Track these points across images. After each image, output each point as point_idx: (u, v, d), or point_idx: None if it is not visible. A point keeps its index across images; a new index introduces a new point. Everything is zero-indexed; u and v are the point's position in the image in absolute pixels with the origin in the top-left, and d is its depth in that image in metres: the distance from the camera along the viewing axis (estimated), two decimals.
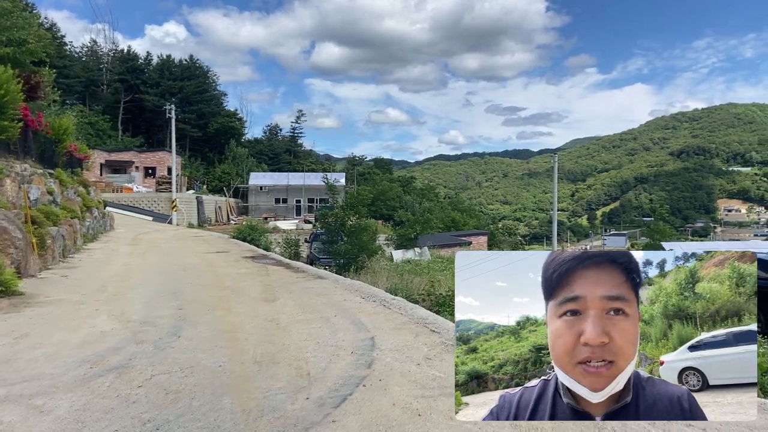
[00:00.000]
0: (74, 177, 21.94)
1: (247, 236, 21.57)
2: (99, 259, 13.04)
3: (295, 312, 6.67)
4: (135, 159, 52.57)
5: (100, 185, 43.21)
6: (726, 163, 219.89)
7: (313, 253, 26.64)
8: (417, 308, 6.83)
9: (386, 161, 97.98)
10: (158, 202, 41.48)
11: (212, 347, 5.00)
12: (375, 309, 6.87)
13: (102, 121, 60.97)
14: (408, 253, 30.23)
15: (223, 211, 52.83)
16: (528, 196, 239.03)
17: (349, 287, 8.54)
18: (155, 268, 11.40)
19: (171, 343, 5.14)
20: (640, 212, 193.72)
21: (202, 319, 6.18)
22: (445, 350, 5.04)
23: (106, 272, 10.38)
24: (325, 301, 7.41)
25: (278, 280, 9.62)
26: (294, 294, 7.99)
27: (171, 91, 66.93)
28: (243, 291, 8.22)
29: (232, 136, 72.25)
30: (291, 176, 63.03)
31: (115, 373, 4.24)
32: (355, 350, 4.98)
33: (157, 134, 68.69)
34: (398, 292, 13.10)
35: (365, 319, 6.25)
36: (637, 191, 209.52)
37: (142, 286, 8.60)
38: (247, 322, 6.06)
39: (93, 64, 69.26)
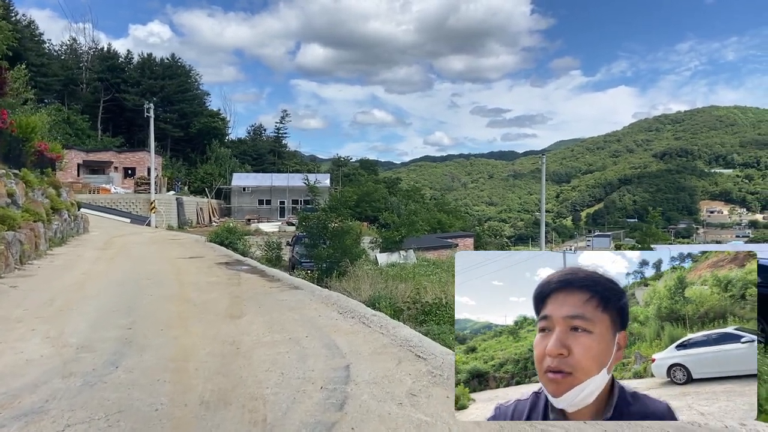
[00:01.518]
0: (44, 178, 20.90)
1: (225, 239, 20.60)
2: (60, 265, 12.09)
3: (262, 331, 5.84)
4: (114, 159, 51.21)
5: (76, 186, 41.92)
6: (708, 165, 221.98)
7: (294, 257, 25.72)
8: (400, 327, 6.03)
9: (372, 162, 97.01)
10: (136, 203, 40.28)
11: (153, 382, 4.16)
12: (353, 327, 6.06)
13: (81, 120, 59.43)
14: (393, 256, 29.41)
15: (205, 213, 51.66)
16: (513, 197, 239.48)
17: (325, 300, 7.72)
18: (117, 276, 10.49)
19: (105, 376, 4.30)
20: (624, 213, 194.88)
21: (151, 343, 5.33)
22: (433, 382, 4.26)
23: (62, 282, 9.46)
24: (297, 317, 6.59)
25: (249, 290, 8.78)
26: (264, 308, 7.15)
27: (152, 90, 65.51)
28: (207, 305, 7.37)
29: (214, 136, 70.91)
30: (275, 177, 61.92)
31: (22, 423, 3.39)
32: (326, 384, 4.17)
33: (137, 134, 67.15)
34: (381, 300, 12.32)
35: (341, 341, 5.44)
36: (621, 193, 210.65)
37: (95, 299, 7.71)
38: (204, 346, 5.23)
39: (72, 63, 67.61)
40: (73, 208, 23.22)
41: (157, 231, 32.39)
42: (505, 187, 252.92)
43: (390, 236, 28.82)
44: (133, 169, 51.75)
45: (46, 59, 61.42)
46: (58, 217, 19.17)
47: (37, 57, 58.53)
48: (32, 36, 60.47)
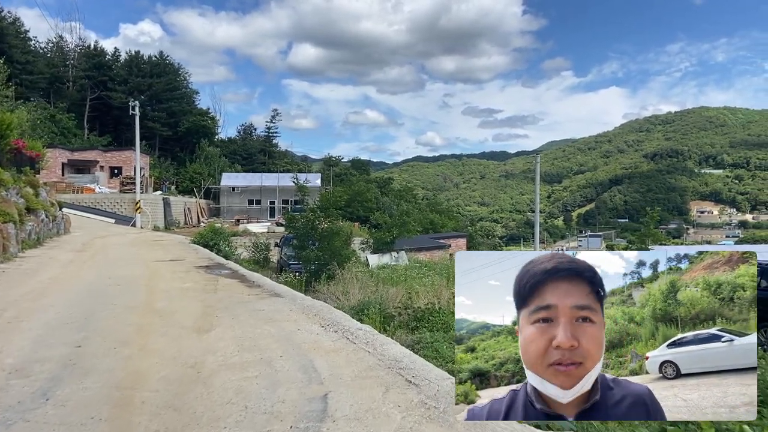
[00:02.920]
0: (21, 176, 20.03)
1: (210, 241, 19.79)
2: (26, 270, 11.27)
3: (231, 350, 5.09)
4: (100, 158, 50.11)
5: (60, 186, 40.85)
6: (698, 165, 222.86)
7: (282, 258, 24.94)
8: (388, 344, 5.29)
9: (364, 162, 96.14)
10: (121, 203, 39.28)
11: (85, 421, 3.40)
12: (335, 344, 5.32)
13: (66, 118, 58.24)
14: (384, 258, 28.71)
15: (193, 213, 50.69)
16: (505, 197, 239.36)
17: (307, 310, 6.96)
18: (85, 282, 9.70)
19: (29, 411, 3.54)
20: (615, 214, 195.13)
21: (97, 365, 4.57)
22: (427, 417, 3.53)
23: (22, 288, 8.67)
24: (273, 331, 5.84)
25: (225, 298, 8.02)
26: (237, 320, 6.40)
27: (140, 88, 64.44)
28: (174, 316, 6.61)
29: (203, 135, 69.87)
30: (265, 177, 60.95)
31: None
32: (297, 422, 3.43)
33: (125, 133, 65.90)
34: (371, 306, 11.60)
35: (320, 362, 4.70)
36: (612, 193, 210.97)
37: (51, 309, 6.93)
38: (159, 369, 4.48)
39: (58, 60, 66.36)
40: (52, 208, 22.32)
41: (141, 232, 31.48)
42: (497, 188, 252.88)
43: (381, 237, 28.14)
44: (119, 168, 50.69)
45: (32, 57, 60.22)
46: (34, 218, 18.31)
47: (22, 54, 57.33)
48: (17, 33, 59.24)
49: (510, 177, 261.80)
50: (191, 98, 74.80)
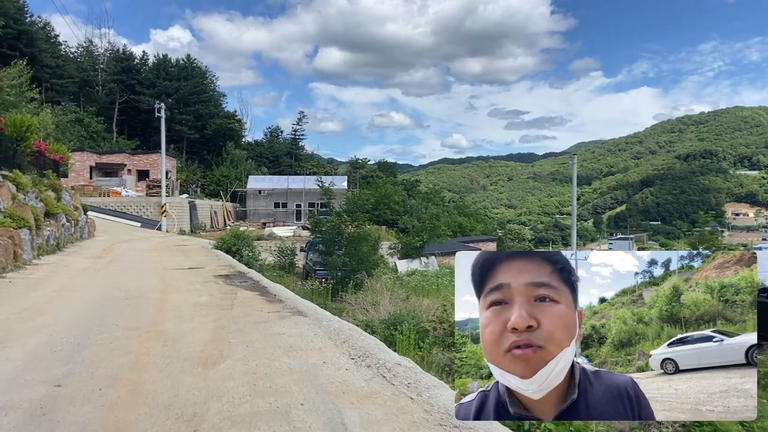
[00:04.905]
0: (42, 180, 19.57)
1: (232, 246, 18.98)
2: (35, 279, 10.52)
3: (241, 393, 4.10)
4: (127, 161, 50.13)
5: (87, 189, 40.81)
6: (733, 166, 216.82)
7: (308, 264, 24.06)
8: (436, 387, 4.21)
9: (390, 164, 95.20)
10: (147, 206, 38.97)
11: None
12: (369, 385, 4.29)
13: (96, 122, 58.65)
14: (413, 263, 27.64)
15: (219, 216, 50.30)
16: (533, 199, 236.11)
17: (334, 335, 5.94)
18: (92, 294, 8.87)
19: None
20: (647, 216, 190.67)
21: (73, 415, 3.62)
22: None
23: (20, 303, 7.85)
24: (294, 365, 4.83)
25: (241, 317, 7.06)
26: (252, 348, 5.42)
27: (167, 91, 64.63)
28: (180, 341, 5.66)
29: (230, 137, 69.83)
30: (291, 179, 60.42)
31: None
32: None
33: (153, 136, 66.24)
34: (404, 322, 10.58)
35: (351, 414, 3.68)
36: (644, 195, 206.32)
37: (44, 331, 6.06)
38: (146, 425, 3.51)
39: (88, 65, 66.95)
40: (75, 212, 21.84)
41: (166, 236, 30.95)
42: (524, 190, 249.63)
43: (410, 242, 27.06)
44: (146, 171, 50.64)
45: (62, 61, 60.83)
46: (54, 223, 17.77)
47: (52, 58, 57.92)
48: (47, 38, 59.82)
49: (538, 179, 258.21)
50: (218, 101, 74.94)
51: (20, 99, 27.30)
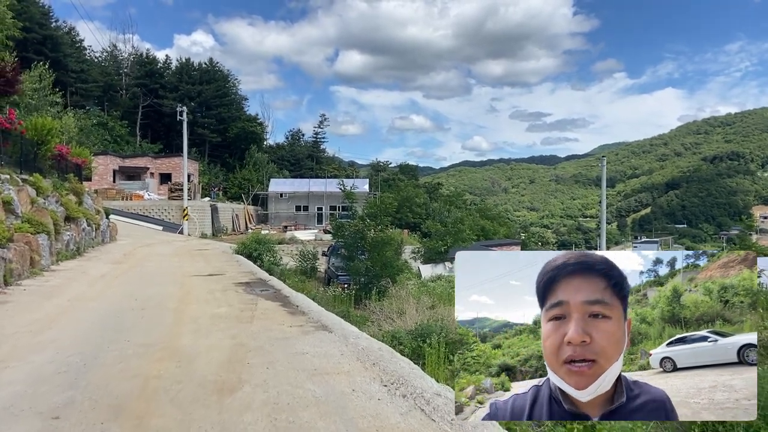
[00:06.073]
0: (64, 183, 19.39)
1: (253, 251, 18.58)
2: (51, 287, 10.18)
3: (260, 428, 3.59)
4: (150, 165, 50.29)
5: (110, 192, 40.92)
6: (761, 168, 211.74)
7: (330, 269, 23.58)
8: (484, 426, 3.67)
9: (412, 167, 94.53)
10: (169, 210, 38.92)
11: None
12: (407, 422, 3.74)
13: (119, 126, 59.07)
14: (437, 268, 27.02)
15: (241, 220, 50.19)
16: (555, 202, 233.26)
17: (363, 355, 5.39)
18: (106, 304, 8.45)
19: None
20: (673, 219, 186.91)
21: None
22: None
23: (32, 314, 7.46)
24: (320, 393, 4.30)
25: (262, 332, 6.55)
26: (273, 371, 4.89)
27: (190, 95, 64.89)
28: (195, 362, 5.17)
29: (252, 141, 69.89)
30: (312, 182, 60.16)
31: None
32: None
33: (176, 140, 66.47)
34: (432, 334, 10.01)
35: None
36: (669, 197, 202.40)
37: (51, 347, 5.62)
38: None
39: (112, 69, 67.59)
40: (96, 216, 21.66)
41: (188, 240, 30.78)
42: (546, 192, 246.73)
43: (434, 247, 26.45)
44: (169, 175, 50.78)
45: (86, 65, 61.42)
46: (74, 227, 17.54)
47: (76, 63, 58.50)
48: (72, 42, 60.46)
49: (560, 181, 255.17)
50: (240, 104, 75.08)
51: (43, 103, 27.35)
